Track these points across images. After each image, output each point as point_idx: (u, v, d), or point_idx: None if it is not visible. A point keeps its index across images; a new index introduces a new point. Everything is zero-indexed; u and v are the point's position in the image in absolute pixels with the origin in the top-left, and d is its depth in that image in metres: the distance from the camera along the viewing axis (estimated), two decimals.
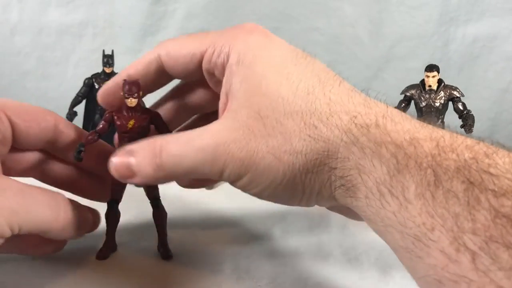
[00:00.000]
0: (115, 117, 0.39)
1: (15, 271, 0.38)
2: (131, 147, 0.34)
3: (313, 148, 0.30)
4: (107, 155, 0.36)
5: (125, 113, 0.39)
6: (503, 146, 0.26)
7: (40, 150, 0.40)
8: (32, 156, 0.40)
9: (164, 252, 0.42)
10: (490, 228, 0.21)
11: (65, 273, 0.39)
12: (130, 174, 0.33)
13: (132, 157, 0.33)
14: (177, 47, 0.38)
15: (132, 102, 0.38)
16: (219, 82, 0.36)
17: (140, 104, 0.39)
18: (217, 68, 0.36)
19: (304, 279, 0.39)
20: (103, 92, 0.40)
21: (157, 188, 0.42)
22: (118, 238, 0.42)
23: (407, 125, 0.28)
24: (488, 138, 0.27)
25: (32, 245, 0.38)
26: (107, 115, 0.39)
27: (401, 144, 0.27)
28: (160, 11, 1.05)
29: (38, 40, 1.03)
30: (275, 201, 0.34)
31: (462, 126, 0.56)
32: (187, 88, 0.42)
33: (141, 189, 0.42)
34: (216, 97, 0.37)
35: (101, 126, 0.39)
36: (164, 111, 0.42)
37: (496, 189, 0.22)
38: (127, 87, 0.38)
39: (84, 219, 0.38)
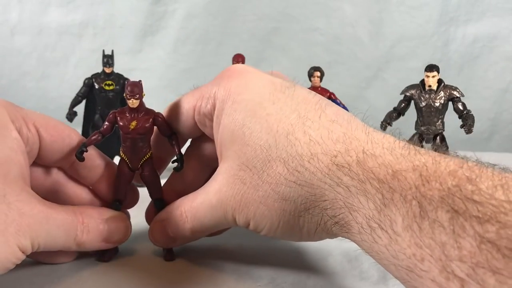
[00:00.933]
0: (118, 118, 0.39)
1: (16, 273, 0.38)
2: (162, 217, 0.40)
3: (300, 193, 0.31)
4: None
5: (127, 114, 0.39)
6: (488, 165, 0.26)
7: (59, 170, 0.40)
8: (47, 173, 0.39)
9: (168, 254, 0.42)
10: (476, 255, 0.22)
11: (67, 273, 0.39)
12: (170, 241, 0.40)
13: (166, 225, 0.39)
14: (176, 108, 0.40)
15: (134, 103, 0.38)
16: (212, 132, 0.38)
17: (143, 105, 0.39)
18: (207, 117, 0.37)
19: (304, 279, 0.39)
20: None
21: (160, 189, 0.42)
22: None
23: (388, 157, 0.28)
24: (473, 156, 0.27)
25: (49, 255, 0.39)
26: (110, 115, 0.39)
27: (384, 179, 0.27)
28: (160, 11, 1.05)
29: (38, 40, 1.03)
30: (281, 239, 0.37)
31: (462, 126, 0.56)
32: (197, 144, 0.43)
33: (144, 189, 0.42)
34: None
35: (104, 126, 0.39)
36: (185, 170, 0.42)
37: (480, 216, 0.22)
38: (128, 88, 0.38)
39: (113, 231, 0.38)
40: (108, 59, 0.62)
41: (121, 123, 0.39)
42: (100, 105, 0.63)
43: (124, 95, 0.38)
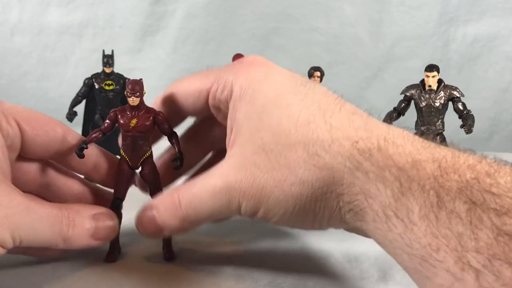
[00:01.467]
0: (118, 116, 0.39)
1: (15, 273, 0.38)
2: (152, 203, 0.36)
3: (318, 177, 0.30)
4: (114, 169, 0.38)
5: (128, 112, 0.39)
6: (506, 163, 0.27)
7: (45, 162, 0.40)
8: (36, 168, 0.39)
9: (168, 253, 0.42)
10: (493, 246, 0.22)
11: (68, 273, 0.39)
12: (157, 230, 0.36)
13: (155, 212, 0.36)
14: (186, 85, 0.39)
15: (134, 101, 0.38)
16: (225, 117, 0.37)
17: (143, 103, 0.39)
18: (222, 103, 0.37)
19: (304, 279, 0.39)
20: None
21: (160, 188, 0.42)
22: (120, 239, 0.42)
23: (409, 147, 0.29)
24: (491, 154, 0.28)
25: (36, 249, 0.38)
26: (111, 113, 0.40)
27: (403, 167, 0.27)
28: (160, 11, 1.05)
29: (38, 40, 1.03)
30: (291, 227, 0.35)
31: (462, 126, 0.56)
32: (200, 126, 0.43)
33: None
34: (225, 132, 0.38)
35: (105, 125, 0.39)
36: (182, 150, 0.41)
37: (498, 208, 0.23)
38: (129, 86, 0.38)
39: (100, 227, 0.37)
40: (108, 59, 0.62)
41: (121, 121, 0.39)
42: (100, 105, 0.63)
43: (125, 93, 0.38)
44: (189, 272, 0.40)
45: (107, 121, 0.39)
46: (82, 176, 0.43)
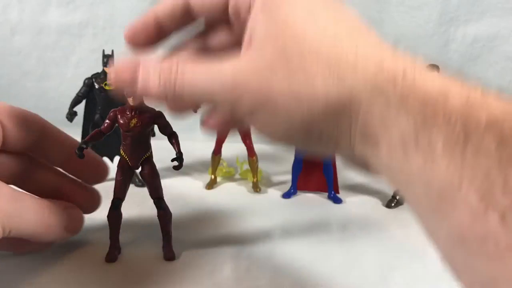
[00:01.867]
0: (118, 116, 0.39)
1: (14, 272, 0.38)
2: (145, 58, 0.31)
3: (335, 95, 0.28)
4: (93, 163, 0.39)
5: (127, 112, 0.39)
6: None
7: (23, 155, 0.40)
8: (15, 160, 0.40)
9: (168, 253, 0.42)
10: None
11: (67, 273, 0.39)
12: (132, 78, 0.30)
13: (143, 64, 0.30)
14: None
15: (133, 101, 0.38)
16: (244, 24, 0.34)
17: (144, 103, 0.39)
18: (243, 9, 0.34)
19: (304, 279, 0.39)
20: (130, 31, 0.36)
21: (160, 188, 0.42)
22: (120, 238, 0.42)
23: (437, 78, 0.26)
24: None
25: (19, 244, 0.39)
26: (111, 113, 0.40)
27: (429, 97, 0.25)
28: None
29: (38, 40, 1.03)
30: (289, 144, 0.32)
31: None
32: (209, 31, 0.39)
33: (144, 189, 0.42)
34: (238, 42, 0.35)
35: (105, 125, 0.40)
36: (185, 53, 0.38)
37: None
38: None
39: (72, 221, 0.39)
40: (108, 59, 0.62)
41: (121, 121, 0.39)
42: (100, 105, 0.63)
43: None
44: (189, 272, 0.40)
45: (107, 121, 0.40)
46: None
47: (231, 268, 0.41)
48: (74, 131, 0.66)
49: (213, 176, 0.65)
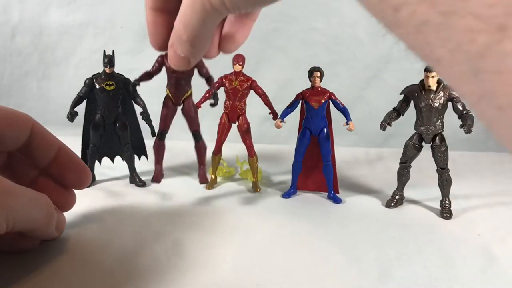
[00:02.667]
0: (165, 60, 0.49)
1: (13, 272, 0.39)
2: (170, 42, 0.34)
3: None
4: (77, 167, 0.42)
5: None
6: None
7: (10, 154, 0.41)
8: (2, 159, 0.41)
9: (202, 177, 0.58)
10: None
11: (66, 272, 0.39)
12: (185, 62, 0.34)
13: (175, 48, 0.34)
14: None
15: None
16: None
17: None
18: None
19: (305, 279, 0.39)
20: (156, 44, 0.37)
21: (197, 123, 0.55)
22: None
23: None
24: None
25: (10, 243, 0.39)
26: (159, 58, 0.51)
27: None
28: None
29: (39, 41, 1.04)
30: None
31: (461, 126, 0.57)
32: None
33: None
34: None
35: (154, 68, 0.52)
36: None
37: None
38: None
39: (61, 219, 0.41)
40: (109, 60, 0.62)
41: (167, 64, 0.49)
42: (101, 105, 0.63)
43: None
44: (189, 272, 0.40)
45: (156, 64, 0.52)
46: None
47: (231, 267, 0.41)
48: (75, 131, 0.67)
49: (213, 176, 0.65)
